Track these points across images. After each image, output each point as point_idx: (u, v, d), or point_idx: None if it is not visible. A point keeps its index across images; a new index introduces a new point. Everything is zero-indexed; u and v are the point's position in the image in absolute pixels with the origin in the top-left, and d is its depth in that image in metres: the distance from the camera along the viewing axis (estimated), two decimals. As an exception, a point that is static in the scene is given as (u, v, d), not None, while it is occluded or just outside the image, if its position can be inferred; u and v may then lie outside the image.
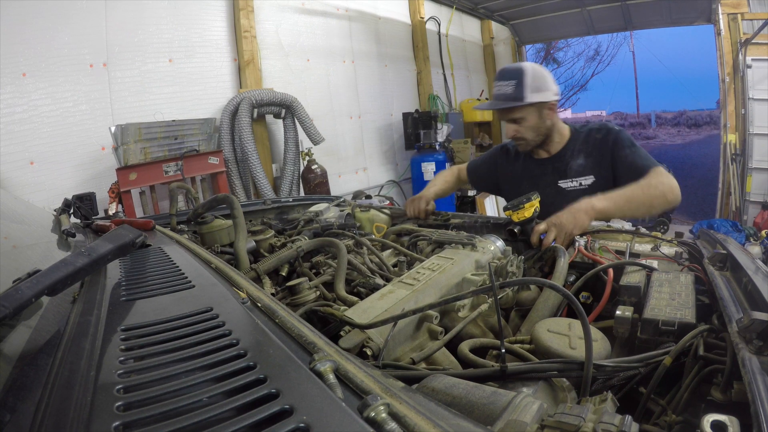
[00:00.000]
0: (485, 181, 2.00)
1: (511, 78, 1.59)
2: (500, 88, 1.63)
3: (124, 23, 3.21)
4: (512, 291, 1.02)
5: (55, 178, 2.90)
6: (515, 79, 1.58)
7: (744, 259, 0.92)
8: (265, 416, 0.38)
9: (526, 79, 1.57)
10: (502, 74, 1.65)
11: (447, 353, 0.82)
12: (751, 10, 5.22)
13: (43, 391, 0.45)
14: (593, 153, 1.64)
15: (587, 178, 1.64)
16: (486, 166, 1.98)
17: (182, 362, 0.47)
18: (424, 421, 0.40)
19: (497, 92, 1.65)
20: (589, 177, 1.63)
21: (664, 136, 18.69)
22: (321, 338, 0.57)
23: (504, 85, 1.61)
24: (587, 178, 1.64)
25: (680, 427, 0.63)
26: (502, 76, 1.64)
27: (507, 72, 1.63)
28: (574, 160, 1.66)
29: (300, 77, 4.46)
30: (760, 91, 5.23)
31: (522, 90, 1.58)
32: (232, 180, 3.80)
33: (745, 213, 5.36)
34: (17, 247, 0.94)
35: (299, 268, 1.25)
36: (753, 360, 0.58)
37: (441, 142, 5.45)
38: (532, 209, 1.26)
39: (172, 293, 0.69)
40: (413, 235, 1.39)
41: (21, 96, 2.76)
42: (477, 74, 7.59)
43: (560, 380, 0.65)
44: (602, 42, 18.19)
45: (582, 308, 0.64)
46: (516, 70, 1.61)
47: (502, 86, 1.63)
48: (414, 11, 6.02)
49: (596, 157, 1.63)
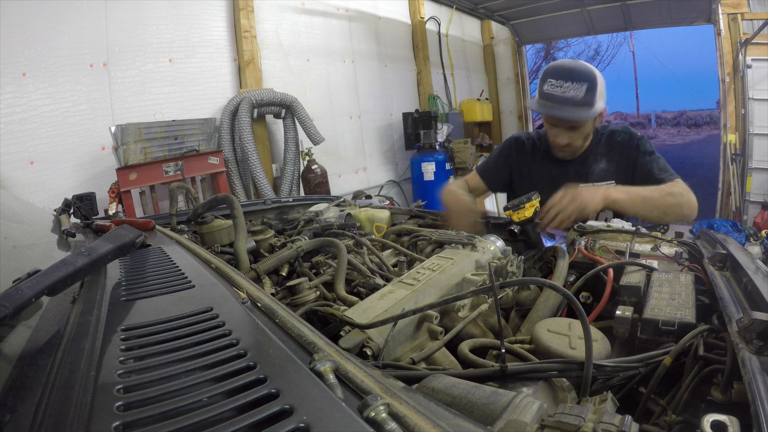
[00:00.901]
0: (500, 177, 1.81)
1: (583, 80, 1.40)
2: (567, 89, 1.41)
3: (124, 23, 3.21)
4: (512, 291, 1.02)
5: (55, 178, 2.90)
6: (587, 82, 1.40)
7: (744, 259, 0.92)
8: (265, 416, 0.38)
9: (599, 84, 1.42)
10: (569, 74, 1.42)
11: (447, 353, 0.82)
12: (751, 10, 5.22)
13: (43, 391, 0.45)
14: (615, 157, 1.58)
15: (609, 183, 1.58)
16: (500, 161, 1.81)
17: (182, 362, 0.47)
18: (424, 421, 0.40)
19: (562, 94, 1.42)
20: (611, 182, 1.59)
21: (664, 136, 18.68)
22: (321, 338, 0.57)
23: (573, 88, 1.41)
24: (609, 183, 1.58)
25: (680, 427, 0.63)
26: (570, 75, 1.42)
27: (576, 72, 1.42)
28: (597, 164, 1.61)
29: (300, 77, 4.46)
30: (760, 91, 5.23)
31: (594, 96, 1.41)
32: (232, 180, 3.80)
33: (745, 213, 5.36)
34: (17, 247, 0.94)
35: (299, 268, 1.25)
36: (753, 360, 0.58)
37: (441, 142, 5.45)
38: (533, 209, 1.26)
39: (172, 293, 0.69)
40: (413, 235, 1.39)
41: (21, 96, 2.76)
42: (477, 74, 7.59)
43: (560, 380, 0.65)
44: (602, 42, 18.23)
45: (582, 308, 0.64)
46: (587, 71, 1.43)
47: (569, 88, 1.41)
48: (414, 11, 6.02)
49: (618, 161, 1.58)
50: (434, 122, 5.40)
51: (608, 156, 1.60)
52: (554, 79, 1.44)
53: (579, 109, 1.42)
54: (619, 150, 1.58)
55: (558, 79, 1.43)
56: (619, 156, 1.58)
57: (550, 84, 1.46)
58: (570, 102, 1.43)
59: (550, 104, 1.47)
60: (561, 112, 1.45)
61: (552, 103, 1.46)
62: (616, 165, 1.58)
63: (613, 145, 1.59)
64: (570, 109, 1.43)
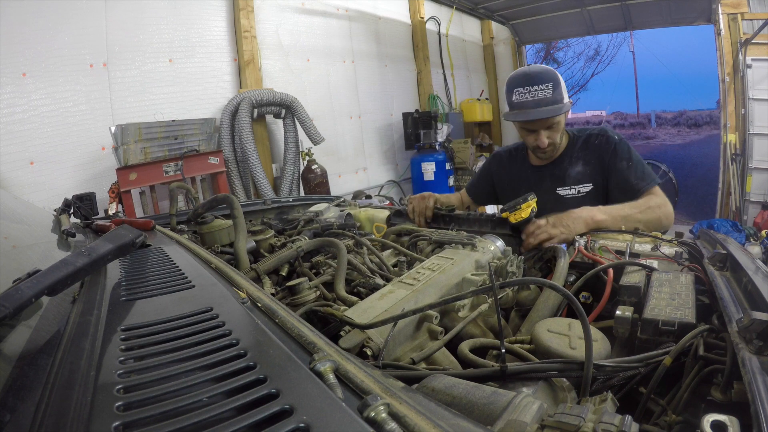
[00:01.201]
0: (485, 192, 1.96)
1: (547, 81, 1.50)
2: (535, 93, 1.51)
3: (124, 23, 3.22)
4: (512, 291, 1.02)
5: (55, 178, 2.90)
6: (551, 82, 1.50)
7: (744, 259, 0.92)
8: (265, 416, 0.38)
9: (561, 81, 1.52)
10: (532, 78, 1.53)
11: (447, 353, 0.82)
12: (751, 10, 5.22)
13: (43, 391, 0.45)
14: (591, 160, 1.61)
15: (585, 185, 1.61)
16: (483, 179, 1.95)
17: (182, 362, 0.47)
18: (424, 421, 0.40)
19: (532, 98, 1.52)
20: (588, 185, 1.61)
21: (664, 136, 18.67)
22: (321, 338, 0.57)
23: (540, 90, 1.51)
24: (585, 186, 1.62)
25: (680, 427, 0.63)
26: (533, 80, 1.52)
27: (538, 76, 1.52)
28: (573, 167, 1.64)
29: (300, 77, 4.46)
30: (760, 91, 5.23)
31: (561, 92, 1.51)
32: (232, 180, 3.80)
33: (745, 213, 5.36)
34: (17, 247, 0.94)
35: (299, 268, 1.25)
36: (753, 360, 0.58)
37: (441, 142, 5.45)
38: (529, 209, 1.26)
39: (172, 293, 0.69)
40: (413, 235, 1.39)
41: (21, 96, 2.76)
42: (477, 74, 7.59)
43: (560, 380, 0.65)
44: (602, 42, 18.22)
45: (582, 308, 0.64)
46: (548, 72, 1.53)
47: (537, 91, 1.51)
48: (414, 11, 6.02)
49: (594, 164, 1.61)
50: (434, 122, 5.40)
51: (584, 159, 1.63)
52: (521, 87, 1.54)
53: (552, 107, 1.51)
54: (595, 153, 1.61)
55: (526, 86, 1.53)
56: (595, 159, 1.61)
57: (518, 93, 1.55)
58: (543, 103, 1.51)
59: (525, 111, 1.54)
60: (539, 114, 1.52)
61: (527, 109, 1.54)
62: (592, 168, 1.61)
63: (590, 147, 1.63)
64: (545, 110, 1.51)
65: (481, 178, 1.96)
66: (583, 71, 18.33)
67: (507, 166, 1.83)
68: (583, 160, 1.63)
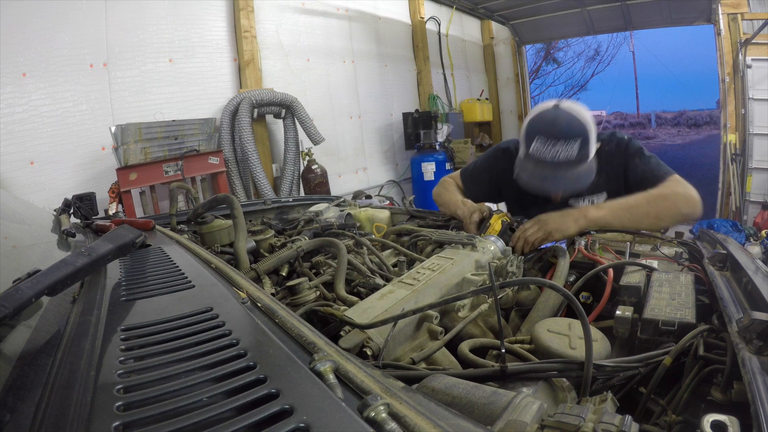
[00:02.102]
0: (485, 188, 1.74)
1: (575, 135, 1.27)
2: (557, 152, 1.27)
3: (124, 23, 3.22)
4: (512, 291, 1.02)
5: (55, 178, 2.90)
6: (580, 137, 1.27)
7: (744, 259, 0.92)
8: (265, 416, 0.38)
9: (592, 131, 1.30)
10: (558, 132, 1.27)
11: (447, 353, 0.82)
12: (751, 10, 5.22)
13: (43, 391, 0.45)
14: (604, 168, 1.51)
15: (599, 195, 1.53)
16: (486, 174, 1.73)
17: (182, 362, 0.47)
18: (424, 421, 0.40)
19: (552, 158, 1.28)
20: (602, 194, 1.52)
21: (664, 136, 18.68)
22: (321, 338, 0.57)
23: (563, 148, 1.27)
24: (599, 196, 1.53)
25: (680, 427, 0.63)
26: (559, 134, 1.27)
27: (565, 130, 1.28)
28: None
29: (300, 77, 4.46)
30: (760, 91, 5.23)
31: (587, 149, 1.30)
32: (232, 180, 3.80)
33: (745, 213, 5.36)
34: (17, 247, 0.94)
35: (299, 268, 1.25)
36: (753, 360, 0.58)
37: (441, 142, 5.45)
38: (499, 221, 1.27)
39: (172, 293, 0.69)
40: (413, 235, 1.39)
41: (21, 96, 2.76)
42: (477, 74, 7.59)
43: (560, 380, 0.65)
44: (602, 42, 18.20)
45: (582, 308, 0.64)
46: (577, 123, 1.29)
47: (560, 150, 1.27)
48: (414, 11, 6.02)
49: (607, 171, 1.51)
50: (434, 122, 5.40)
51: (598, 168, 1.49)
52: (543, 137, 1.30)
53: (575, 168, 1.30)
54: (607, 160, 1.51)
55: (548, 138, 1.29)
56: (608, 166, 1.51)
57: (539, 142, 1.31)
58: (563, 167, 1.29)
59: (541, 172, 1.33)
60: (557, 185, 1.33)
61: (544, 170, 1.32)
62: (606, 176, 1.52)
63: (601, 155, 1.51)
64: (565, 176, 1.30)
65: (484, 174, 1.73)
66: (583, 71, 18.34)
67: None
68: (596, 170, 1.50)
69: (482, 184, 1.74)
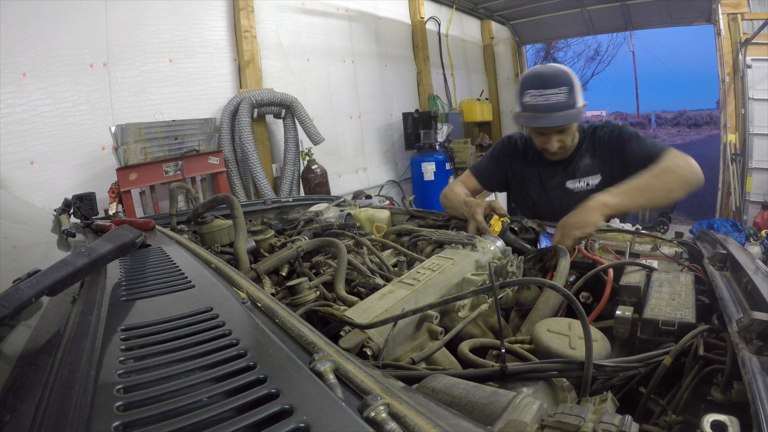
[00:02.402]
0: (497, 177, 1.85)
1: (562, 84, 1.44)
2: (548, 96, 1.44)
3: (124, 23, 3.22)
4: (512, 291, 1.02)
5: (55, 178, 2.90)
6: (566, 85, 1.44)
7: (744, 259, 0.92)
8: (265, 416, 0.38)
9: (576, 83, 1.45)
10: (546, 81, 1.45)
11: (447, 353, 0.82)
12: (751, 10, 5.22)
13: (43, 391, 0.45)
14: (598, 151, 1.61)
15: (594, 177, 1.61)
16: (495, 162, 1.83)
17: (182, 362, 0.47)
18: (424, 421, 0.40)
19: (545, 101, 1.45)
20: (596, 176, 1.61)
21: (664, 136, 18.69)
22: (321, 338, 0.57)
23: (554, 93, 1.44)
24: (594, 177, 1.61)
25: (680, 427, 0.63)
26: (548, 82, 1.45)
27: (552, 78, 1.45)
28: (582, 160, 1.64)
29: (300, 77, 4.46)
30: (760, 91, 5.23)
31: (575, 96, 1.44)
32: (232, 180, 3.80)
33: (745, 213, 5.36)
34: (17, 247, 0.94)
35: (299, 268, 1.25)
36: (753, 360, 0.58)
37: (441, 142, 5.45)
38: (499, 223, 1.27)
39: (172, 293, 0.69)
40: (413, 235, 1.39)
41: (21, 96, 2.76)
42: (477, 74, 7.59)
43: (560, 380, 0.65)
44: (602, 42, 18.25)
45: (582, 308, 0.64)
46: (563, 74, 1.46)
47: (551, 94, 1.44)
48: (414, 11, 6.02)
49: (602, 155, 1.60)
50: (434, 122, 5.39)
51: (592, 151, 1.63)
52: (534, 90, 1.47)
53: (565, 112, 1.45)
54: (602, 144, 1.60)
55: (539, 89, 1.46)
56: (602, 150, 1.60)
57: (530, 95, 1.48)
58: (556, 108, 1.45)
59: (537, 115, 1.48)
60: (551, 121, 1.47)
61: (538, 113, 1.48)
62: (600, 159, 1.61)
63: (596, 140, 1.62)
64: (558, 116, 1.46)
65: (492, 164, 1.84)
66: (583, 71, 18.37)
67: (522, 156, 1.76)
68: (590, 152, 1.63)
69: (492, 172, 1.84)
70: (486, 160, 1.88)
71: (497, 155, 1.83)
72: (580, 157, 1.64)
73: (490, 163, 1.85)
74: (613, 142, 1.57)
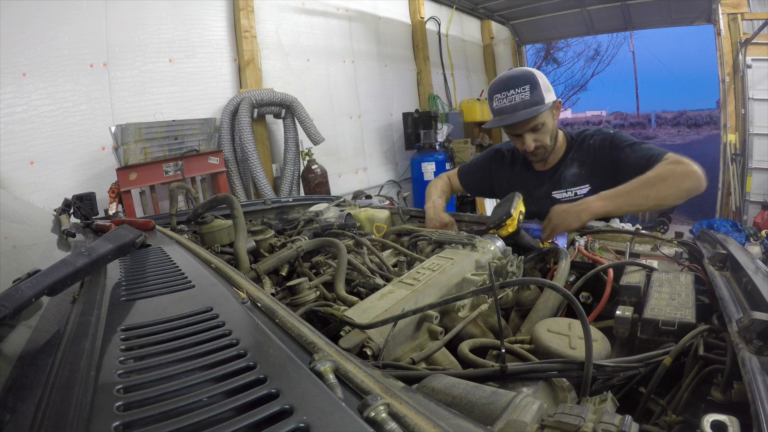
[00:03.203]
0: (479, 186, 1.92)
1: (524, 83, 1.47)
2: (512, 97, 1.48)
3: (124, 23, 3.22)
4: (512, 291, 1.02)
5: (55, 178, 2.90)
6: (528, 84, 1.47)
7: (744, 259, 0.92)
8: (265, 416, 0.38)
9: (539, 80, 1.48)
10: (508, 83, 1.50)
11: (447, 353, 0.82)
12: (751, 10, 5.22)
13: (43, 391, 0.45)
14: (587, 161, 1.58)
15: (582, 187, 1.58)
16: (480, 171, 1.89)
17: (182, 362, 0.47)
18: (424, 421, 0.40)
19: (510, 102, 1.49)
20: (584, 186, 1.58)
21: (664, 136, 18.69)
22: (321, 338, 0.57)
23: (517, 93, 1.47)
24: (582, 188, 1.58)
25: (680, 427, 0.63)
26: (510, 84, 1.49)
27: (514, 79, 1.49)
28: (568, 170, 1.61)
29: (300, 77, 4.46)
30: (760, 91, 5.23)
31: (540, 92, 1.47)
32: (232, 180, 3.80)
33: (745, 213, 5.37)
34: (17, 247, 0.94)
35: (299, 268, 1.25)
36: (753, 360, 0.58)
37: (441, 142, 5.45)
38: (515, 222, 1.26)
39: (172, 293, 0.69)
40: (413, 235, 1.39)
41: (21, 96, 2.76)
42: (477, 74, 7.59)
43: (560, 380, 0.65)
44: (602, 42, 18.24)
45: (582, 308, 0.64)
46: (524, 74, 1.50)
47: (515, 95, 1.48)
48: (414, 11, 6.02)
49: (591, 165, 1.57)
50: (434, 122, 5.40)
51: (580, 160, 1.60)
52: (499, 94, 1.51)
53: (529, 109, 1.47)
54: (592, 153, 1.57)
55: (502, 92, 1.50)
56: (591, 159, 1.57)
57: (496, 100, 1.53)
58: (520, 107, 1.48)
59: (503, 116, 1.52)
60: (515, 118, 1.49)
61: (504, 114, 1.51)
62: (588, 168, 1.58)
63: (585, 149, 1.59)
64: (521, 113, 1.48)
65: (478, 171, 1.89)
66: (583, 71, 18.36)
67: (508, 167, 1.79)
68: (578, 162, 1.60)
69: (476, 178, 1.91)
70: (472, 167, 1.93)
71: (483, 166, 1.88)
72: (565, 167, 1.62)
73: (476, 172, 1.91)
74: (604, 151, 1.54)
